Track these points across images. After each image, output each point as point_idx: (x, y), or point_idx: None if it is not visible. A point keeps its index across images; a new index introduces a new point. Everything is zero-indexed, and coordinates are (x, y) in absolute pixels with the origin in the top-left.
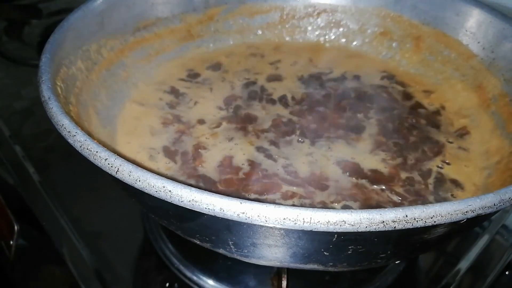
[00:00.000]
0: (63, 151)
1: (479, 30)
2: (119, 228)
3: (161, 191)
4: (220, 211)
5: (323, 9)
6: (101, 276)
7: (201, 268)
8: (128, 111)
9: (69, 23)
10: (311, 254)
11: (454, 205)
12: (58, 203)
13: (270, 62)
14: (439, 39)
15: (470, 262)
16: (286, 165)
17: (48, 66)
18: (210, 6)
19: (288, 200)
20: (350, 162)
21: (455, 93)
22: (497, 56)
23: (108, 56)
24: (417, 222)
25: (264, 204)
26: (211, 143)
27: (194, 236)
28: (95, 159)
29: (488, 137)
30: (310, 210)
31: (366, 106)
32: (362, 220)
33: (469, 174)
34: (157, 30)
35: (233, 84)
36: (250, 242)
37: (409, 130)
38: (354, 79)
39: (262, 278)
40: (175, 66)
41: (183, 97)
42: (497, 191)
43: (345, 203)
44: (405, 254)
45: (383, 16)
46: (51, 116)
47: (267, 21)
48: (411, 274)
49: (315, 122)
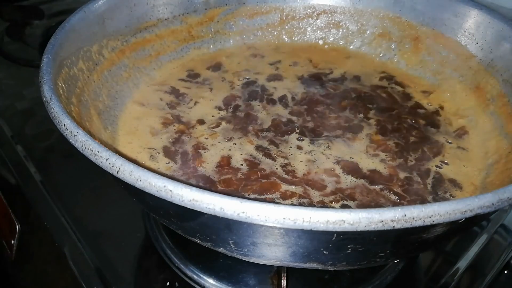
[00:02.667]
0: (64, 151)
1: (477, 31)
2: (120, 227)
3: (162, 191)
4: (220, 210)
5: (322, 10)
6: (102, 275)
7: (201, 267)
8: (129, 112)
9: (71, 24)
10: (310, 253)
11: (453, 205)
12: (60, 203)
13: (270, 63)
14: (437, 40)
15: (468, 261)
16: (285, 164)
17: (49, 66)
18: (211, 7)
19: (287, 199)
20: (349, 162)
21: (454, 94)
22: (496, 57)
23: (109, 57)
24: (416, 221)
25: (264, 204)
26: (210, 143)
27: (194, 235)
28: (97, 159)
29: (487, 137)
30: (310, 210)
31: (366, 107)
32: (361, 220)
33: (467, 174)
34: (158, 31)
35: (233, 84)
36: (250, 241)
37: (408, 131)
38: (354, 80)
39: (262, 277)
40: (175, 67)
41: (183, 97)
42: (495, 191)
43: (344, 203)
44: (404, 253)
45: (382, 17)
46: (53, 116)
47: (267, 22)
48: (410, 273)
49: (315, 122)
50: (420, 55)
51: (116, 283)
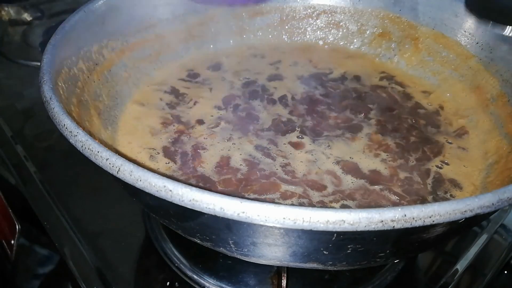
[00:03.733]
0: (64, 151)
1: (477, 31)
2: (120, 227)
3: (161, 191)
4: (220, 210)
5: (322, 10)
6: (102, 275)
7: (201, 267)
8: (129, 112)
9: (71, 24)
10: (310, 253)
11: (453, 205)
12: (60, 203)
13: (270, 63)
14: (437, 40)
15: (468, 261)
16: (284, 164)
17: (49, 66)
18: (211, 7)
19: (287, 199)
20: (349, 162)
21: (454, 94)
22: (496, 57)
23: (109, 57)
24: (416, 221)
25: (264, 204)
26: (209, 143)
27: (194, 235)
28: (97, 159)
29: (487, 137)
30: (310, 210)
31: (366, 106)
32: (361, 220)
33: (467, 174)
34: (158, 31)
35: (233, 84)
36: (250, 241)
37: (408, 131)
38: (354, 80)
39: (262, 277)
40: (175, 67)
41: (182, 97)
42: (495, 191)
43: (344, 203)
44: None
45: (382, 17)
46: (53, 116)
47: (267, 22)
48: (410, 273)
49: (315, 122)
50: (420, 55)
51: (116, 283)
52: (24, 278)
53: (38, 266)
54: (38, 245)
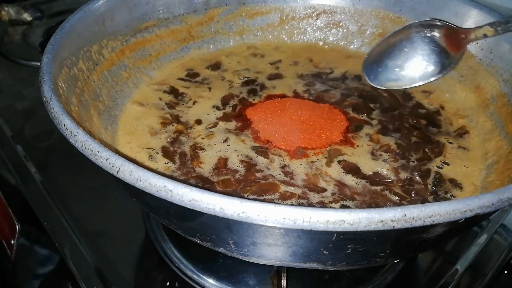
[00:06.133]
0: (64, 151)
1: None
2: (120, 227)
3: (161, 191)
4: (220, 210)
5: (322, 10)
6: (102, 275)
7: (201, 267)
8: (129, 112)
9: (71, 24)
10: (310, 253)
11: (453, 205)
12: (60, 203)
13: (271, 62)
14: None
15: (468, 261)
16: (283, 165)
17: (49, 66)
18: (211, 7)
19: (287, 200)
20: (349, 162)
21: (454, 94)
22: (496, 57)
23: (109, 57)
24: (416, 221)
25: (264, 204)
26: (207, 143)
27: (194, 235)
28: (97, 159)
29: (487, 137)
30: (310, 210)
31: (367, 106)
32: (361, 220)
33: (468, 174)
34: (158, 31)
35: (232, 83)
36: (250, 241)
37: (409, 131)
38: (355, 79)
39: (262, 277)
40: (175, 67)
41: (182, 97)
42: (495, 191)
43: (344, 203)
44: (404, 253)
45: (382, 17)
46: (53, 117)
47: (267, 22)
48: (410, 273)
49: None
50: None
51: (116, 283)
52: (24, 278)
53: (38, 266)
54: (38, 245)
